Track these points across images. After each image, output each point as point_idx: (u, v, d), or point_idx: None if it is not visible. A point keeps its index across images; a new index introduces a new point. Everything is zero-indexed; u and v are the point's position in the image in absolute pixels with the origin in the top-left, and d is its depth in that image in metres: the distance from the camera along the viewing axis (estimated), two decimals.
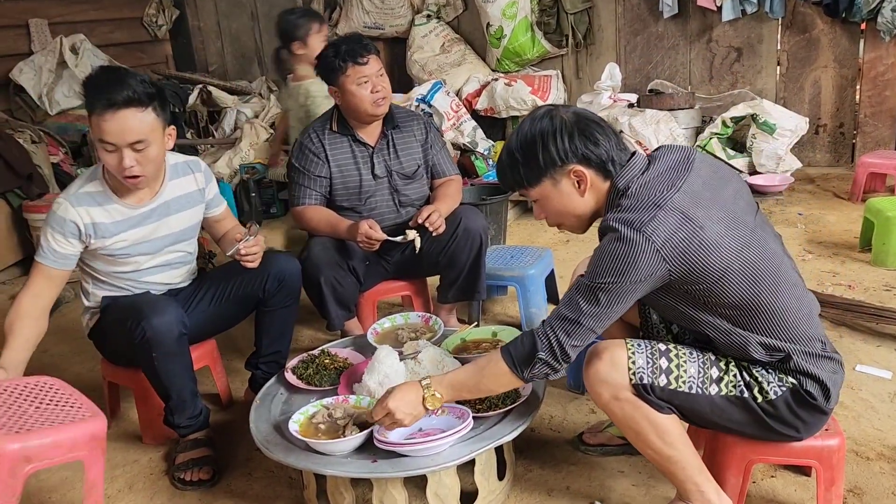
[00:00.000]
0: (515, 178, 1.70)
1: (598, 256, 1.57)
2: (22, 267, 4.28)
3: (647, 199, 1.55)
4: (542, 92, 4.98)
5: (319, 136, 2.75)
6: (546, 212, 1.73)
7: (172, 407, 2.18)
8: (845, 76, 4.71)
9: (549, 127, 1.62)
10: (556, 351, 1.59)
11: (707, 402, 1.61)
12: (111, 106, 1.98)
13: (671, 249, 1.50)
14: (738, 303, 1.57)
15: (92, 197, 2.15)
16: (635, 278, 1.52)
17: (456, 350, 2.22)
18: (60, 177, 4.66)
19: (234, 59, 6.54)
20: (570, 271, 3.51)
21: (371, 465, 1.75)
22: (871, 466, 1.99)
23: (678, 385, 1.60)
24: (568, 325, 1.58)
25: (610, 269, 1.53)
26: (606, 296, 1.54)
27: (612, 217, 1.57)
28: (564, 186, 1.65)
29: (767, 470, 1.99)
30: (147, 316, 2.04)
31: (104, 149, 2.04)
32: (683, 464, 1.65)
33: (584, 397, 2.45)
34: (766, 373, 1.61)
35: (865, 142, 4.72)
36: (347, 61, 2.58)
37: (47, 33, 5.33)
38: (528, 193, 1.71)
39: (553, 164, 1.63)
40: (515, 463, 2.07)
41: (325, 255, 2.63)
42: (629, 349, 1.61)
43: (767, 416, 1.61)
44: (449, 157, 2.96)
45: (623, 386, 1.60)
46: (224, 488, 2.14)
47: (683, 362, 1.62)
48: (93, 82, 2.02)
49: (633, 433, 1.65)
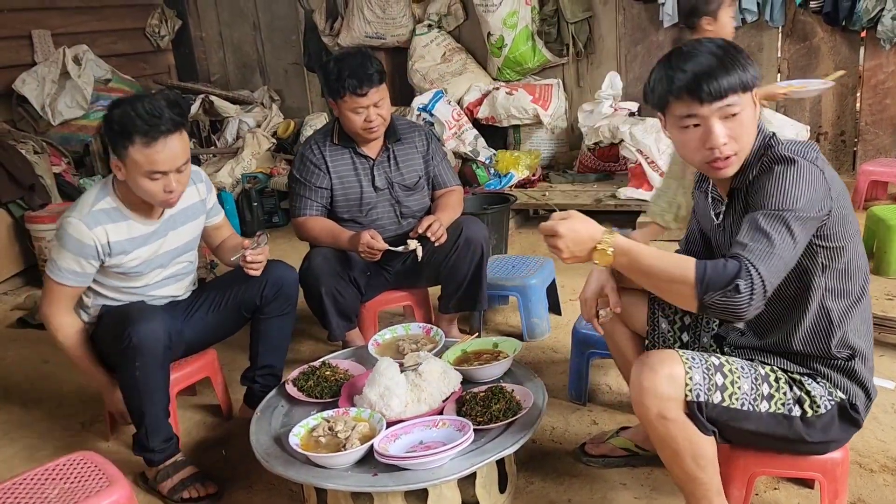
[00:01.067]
0: (744, 78, 1.51)
1: (778, 186, 1.47)
2: (24, 277, 4.29)
3: (801, 144, 1.55)
4: (543, 101, 4.98)
5: (321, 147, 2.76)
6: (740, 129, 1.53)
7: (148, 428, 2.10)
8: (846, 84, 4.71)
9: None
10: (757, 284, 1.40)
11: (754, 418, 1.57)
12: (161, 135, 1.98)
13: (835, 190, 1.51)
14: (850, 276, 1.56)
15: (106, 214, 2.13)
16: (818, 209, 1.47)
17: (457, 361, 2.21)
18: (63, 187, 4.67)
19: (236, 68, 6.56)
20: (571, 281, 3.53)
21: (372, 479, 1.74)
22: (874, 478, 1.98)
23: (731, 402, 1.55)
24: (767, 259, 1.42)
25: (799, 195, 1.45)
26: (798, 224, 1.45)
27: (784, 149, 1.53)
28: (751, 106, 1.56)
29: (770, 482, 1.98)
30: (135, 321, 2.03)
31: (151, 178, 2.03)
32: (707, 486, 1.62)
33: (586, 409, 2.44)
34: (816, 385, 1.60)
35: (866, 150, 4.72)
36: (346, 90, 2.57)
37: (50, 44, 5.35)
38: (741, 99, 1.51)
39: (754, 78, 1.54)
40: (517, 475, 2.06)
41: (326, 266, 2.63)
42: (685, 363, 1.53)
43: (806, 433, 1.59)
44: (450, 168, 2.96)
45: (676, 403, 1.52)
46: (225, 502, 2.13)
47: (738, 378, 1.56)
48: (129, 118, 1.97)
49: (670, 452, 1.59)
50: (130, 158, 2.01)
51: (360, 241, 2.55)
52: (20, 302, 3.95)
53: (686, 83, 1.51)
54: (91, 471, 1.79)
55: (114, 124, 2.00)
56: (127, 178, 2.06)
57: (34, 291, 4.06)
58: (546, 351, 2.90)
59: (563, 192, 4.68)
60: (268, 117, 5.82)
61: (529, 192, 4.69)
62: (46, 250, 4.09)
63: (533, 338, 2.99)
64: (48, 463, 1.82)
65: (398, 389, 1.96)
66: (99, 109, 5.32)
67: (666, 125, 1.64)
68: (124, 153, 2.01)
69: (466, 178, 4.79)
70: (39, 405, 2.83)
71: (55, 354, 3.18)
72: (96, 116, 5.31)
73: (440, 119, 4.90)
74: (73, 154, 5.22)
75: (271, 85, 6.38)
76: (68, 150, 5.16)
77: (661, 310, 1.89)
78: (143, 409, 2.10)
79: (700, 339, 1.87)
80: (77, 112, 5.18)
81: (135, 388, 2.07)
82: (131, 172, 2.03)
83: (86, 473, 1.78)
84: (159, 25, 6.22)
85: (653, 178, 4.17)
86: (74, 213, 2.11)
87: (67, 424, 2.61)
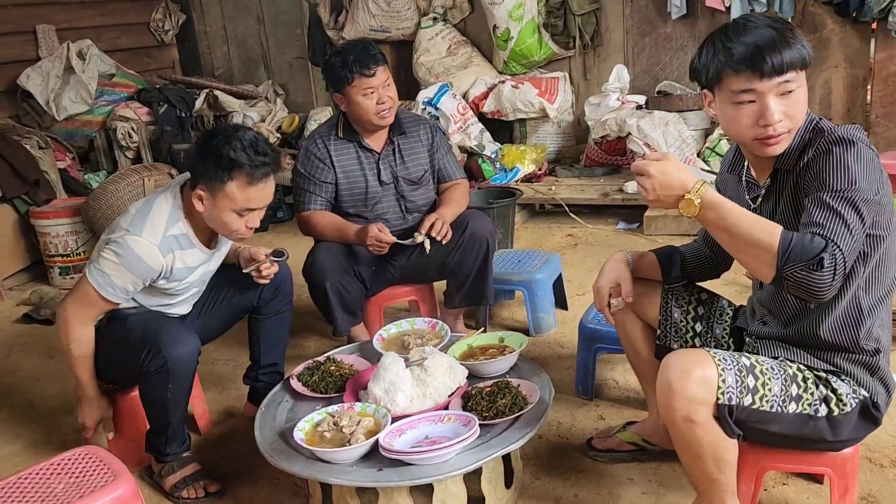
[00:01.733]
0: (803, 55, 1.48)
1: (840, 167, 1.44)
2: (29, 273, 4.29)
3: (852, 127, 1.51)
4: (549, 94, 4.95)
5: (325, 142, 2.74)
6: (796, 106, 1.51)
7: (170, 437, 2.11)
8: (856, 76, 4.66)
9: None
10: (839, 263, 1.37)
11: (782, 419, 1.54)
12: (264, 176, 1.98)
13: (885, 175, 1.48)
14: (884, 268, 1.54)
15: (177, 241, 2.07)
16: (876, 190, 1.44)
17: (462, 356, 2.20)
18: (67, 182, 4.68)
19: (241, 63, 6.54)
20: (578, 275, 3.51)
21: (377, 474, 1.73)
22: (885, 473, 1.96)
23: (761, 405, 1.51)
24: (847, 239, 1.38)
25: (860, 176, 1.42)
26: (865, 206, 1.41)
27: (837, 133, 1.49)
28: (805, 86, 1.53)
29: (779, 477, 1.96)
30: (168, 344, 1.97)
31: (240, 215, 2.01)
32: (724, 487, 1.60)
33: (593, 404, 2.42)
34: (842, 383, 1.57)
35: (877, 142, 4.66)
36: (354, 72, 2.56)
37: (54, 39, 5.34)
38: (798, 76, 1.49)
39: (811, 57, 1.51)
40: (523, 470, 2.05)
41: (330, 261, 2.61)
42: (718, 365, 1.49)
43: (830, 434, 1.57)
44: (455, 161, 2.94)
45: (705, 406, 1.48)
46: (229, 497, 2.12)
47: (768, 379, 1.53)
48: (235, 153, 1.94)
49: (692, 455, 1.56)
50: (225, 192, 1.97)
51: (367, 235, 2.54)
52: (25, 297, 3.95)
53: (747, 56, 1.46)
54: (96, 465, 1.78)
55: (216, 157, 1.95)
56: (211, 209, 2.01)
57: (39, 287, 4.06)
58: (552, 346, 2.88)
59: (569, 186, 4.65)
60: (272, 112, 5.80)
61: (535, 187, 4.66)
62: (52, 246, 4.10)
63: (539, 333, 2.97)
64: (53, 457, 1.81)
65: (403, 384, 1.94)
66: (103, 104, 5.32)
67: (713, 101, 1.58)
68: (220, 186, 1.96)
69: (472, 172, 4.77)
70: (45, 401, 2.83)
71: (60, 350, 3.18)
72: (101, 112, 5.31)
73: (445, 113, 4.87)
74: (78, 149, 5.22)
75: (275, 79, 6.36)
76: (73, 145, 5.16)
77: (675, 300, 1.87)
78: (167, 422, 2.09)
79: (713, 330, 1.85)
80: (82, 107, 5.18)
81: (162, 405, 2.05)
82: (221, 205, 1.99)
83: (90, 468, 1.77)
84: (163, 20, 6.21)
85: None
86: (145, 234, 2.01)
87: (72, 420, 2.59)
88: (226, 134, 1.98)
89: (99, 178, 4.99)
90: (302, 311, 3.22)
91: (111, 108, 5.33)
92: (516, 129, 5.21)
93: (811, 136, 1.55)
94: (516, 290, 3.13)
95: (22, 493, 1.70)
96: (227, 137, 1.97)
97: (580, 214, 4.46)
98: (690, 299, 1.90)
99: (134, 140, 5.25)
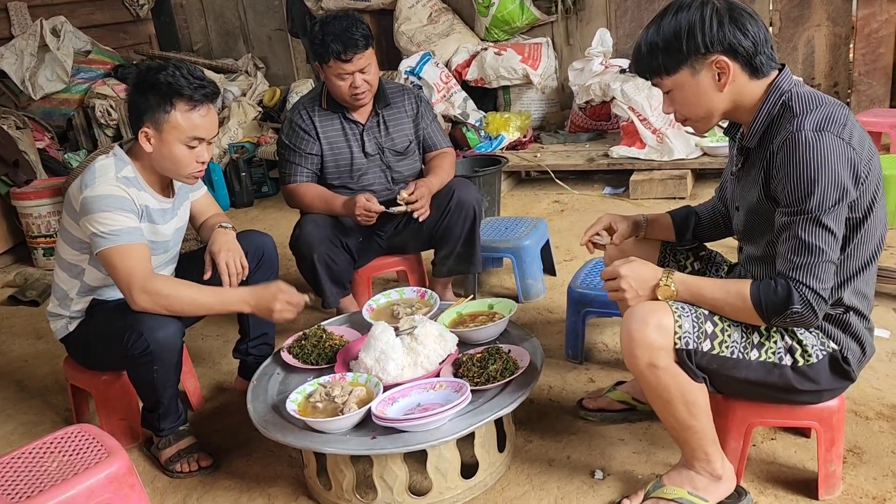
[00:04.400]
0: (652, 65, 1.57)
1: (805, 177, 1.43)
2: (13, 255, 4.25)
3: (827, 106, 1.47)
4: (532, 60, 4.91)
5: (310, 113, 2.71)
6: (677, 104, 1.60)
7: (162, 413, 2.11)
8: (839, 34, 4.65)
9: (697, 14, 1.50)
10: (814, 303, 1.45)
11: (745, 367, 1.57)
12: (206, 100, 1.98)
13: (865, 155, 1.47)
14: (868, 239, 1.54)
15: (130, 182, 2.03)
16: (847, 189, 1.43)
17: (452, 324, 2.20)
18: (47, 162, 4.61)
19: (219, 36, 6.43)
20: (566, 241, 3.52)
21: (370, 442, 1.74)
22: (870, 426, 1.99)
23: (721, 350, 1.55)
24: (815, 270, 1.44)
25: (826, 186, 1.41)
26: (832, 219, 1.43)
27: (801, 122, 1.45)
28: (703, 78, 1.53)
29: (767, 433, 1.99)
30: (150, 328, 1.95)
31: (188, 145, 1.99)
32: (701, 434, 1.63)
33: (583, 367, 2.44)
34: (809, 334, 1.59)
35: (860, 100, 4.67)
36: (330, 54, 2.51)
37: (27, 16, 5.23)
38: (663, 83, 1.59)
39: (696, 51, 1.50)
40: (515, 434, 2.07)
41: (317, 233, 2.60)
42: (675, 312, 1.54)
43: (799, 383, 1.59)
44: (440, 130, 2.92)
45: (666, 352, 1.53)
46: (224, 470, 2.13)
47: (728, 326, 1.56)
48: (174, 81, 1.94)
49: (662, 402, 1.61)
50: (171, 123, 1.96)
51: (355, 205, 2.52)
52: (10, 279, 3.92)
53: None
54: (89, 443, 1.78)
55: (154, 87, 1.94)
56: (159, 146, 1.99)
57: (24, 269, 4.03)
58: (542, 311, 2.90)
59: (554, 152, 4.64)
60: (253, 85, 5.73)
61: (521, 154, 4.65)
62: (34, 227, 4.05)
63: (528, 299, 2.98)
64: (46, 437, 1.81)
65: (394, 353, 1.95)
66: (80, 82, 5.23)
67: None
68: (164, 117, 1.95)
69: (457, 141, 4.74)
70: (35, 381, 2.82)
71: (48, 331, 3.16)
72: (78, 90, 5.22)
73: (428, 82, 4.83)
74: (56, 129, 5.15)
75: (255, 52, 6.27)
76: (51, 124, 5.08)
77: (673, 255, 1.91)
78: (157, 401, 2.09)
79: None
80: (58, 85, 5.09)
81: (151, 386, 2.05)
82: (168, 139, 1.98)
83: (84, 445, 1.77)
84: None
85: (645, 135, 4.14)
86: (98, 182, 1.97)
87: (64, 399, 2.60)
88: (159, 67, 1.99)
89: (79, 156, 4.92)
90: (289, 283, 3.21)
91: (88, 86, 5.24)
92: (500, 97, 5.18)
93: (780, 112, 1.53)
94: (504, 258, 3.13)
95: (15, 472, 1.70)
96: (161, 68, 1.98)
97: (566, 180, 4.45)
98: (689, 254, 1.94)
99: (113, 117, 5.17)
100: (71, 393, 2.42)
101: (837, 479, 1.75)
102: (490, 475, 1.91)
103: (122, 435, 2.23)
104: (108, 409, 2.26)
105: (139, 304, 1.95)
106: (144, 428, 2.20)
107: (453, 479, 1.84)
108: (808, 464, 1.87)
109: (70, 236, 2.09)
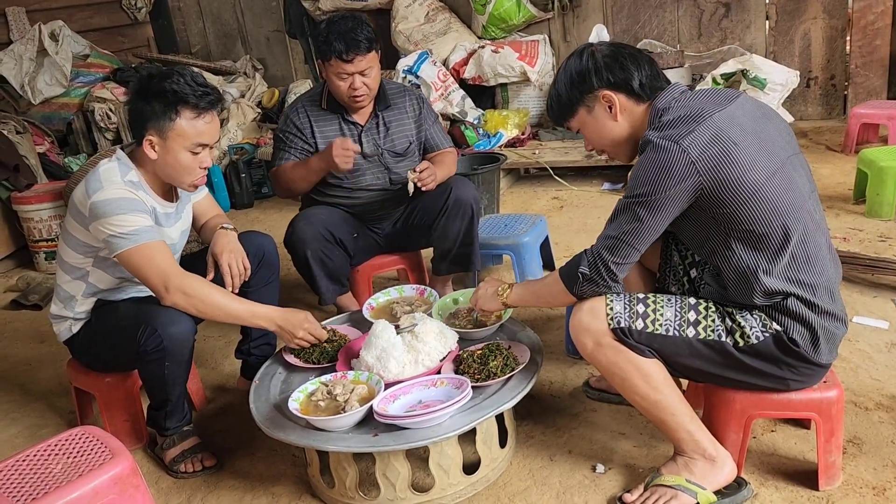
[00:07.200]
0: (560, 113, 1.81)
1: (635, 172, 1.63)
2: (14, 259, 4.26)
3: (686, 114, 1.62)
4: (529, 57, 4.92)
5: (308, 112, 2.72)
6: (588, 140, 1.83)
7: (168, 412, 2.13)
8: (835, 27, 4.66)
9: (580, 61, 1.74)
10: (599, 266, 1.65)
11: (685, 344, 1.64)
12: (210, 107, 1.99)
13: (706, 161, 1.55)
14: (762, 232, 1.58)
15: (136, 186, 2.03)
16: (670, 189, 1.57)
17: (444, 310, 2.25)
18: (48, 167, 4.62)
19: (217, 38, 6.45)
20: (565, 237, 3.53)
21: (373, 439, 1.76)
22: (869, 416, 2.00)
23: (655, 328, 1.65)
24: (609, 242, 1.65)
25: (646, 180, 1.59)
26: (644, 209, 1.60)
27: (650, 133, 1.63)
28: (598, 112, 1.75)
29: (767, 425, 2.00)
30: (164, 325, 1.96)
31: (192, 152, 2.00)
32: (672, 409, 1.69)
33: (583, 363, 2.45)
34: (749, 317, 1.63)
35: (857, 93, 4.68)
36: (332, 54, 2.52)
37: (25, 21, 5.24)
38: (571, 125, 1.82)
39: (587, 91, 1.73)
40: (517, 430, 2.08)
41: (310, 230, 2.61)
42: (607, 297, 1.69)
43: (749, 361, 1.63)
44: (442, 131, 2.93)
45: (603, 332, 1.66)
46: (228, 469, 2.15)
47: (660, 306, 1.67)
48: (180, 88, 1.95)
49: (619, 379, 1.70)
50: (176, 131, 1.97)
51: (332, 150, 2.51)
52: (12, 284, 3.93)
53: None
54: (93, 444, 1.78)
55: (159, 95, 1.94)
56: (164, 154, 2.00)
57: (26, 273, 4.04)
58: (541, 308, 2.91)
59: (553, 149, 4.65)
60: (251, 87, 5.74)
61: (519, 151, 4.66)
62: (36, 231, 4.07)
63: None
64: (50, 439, 1.82)
65: (395, 351, 1.96)
66: (79, 86, 5.24)
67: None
68: (169, 125, 1.96)
69: (455, 139, 4.75)
70: (39, 384, 2.83)
71: (51, 335, 3.17)
72: (77, 94, 5.23)
73: (426, 81, 4.83)
74: (56, 133, 5.15)
75: (253, 54, 6.28)
76: (51, 128, 5.09)
77: (675, 244, 1.92)
78: (166, 398, 2.10)
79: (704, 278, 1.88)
80: (57, 90, 5.10)
81: (161, 382, 2.06)
82: (173, 146, 1.98)
83: (88, 447, 1.78)
84: None
85: None
86: (106, 184, 1.97)
87: (67, 402, 2.61)
88: (163, 74, 1.99)
89: (79, 160, 4.93)
90: (290, 284, 3.23)
91: (87, 90, 5.25)
92: (498, 95, 5.18)
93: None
94: (504, 255, 3.14)
95: (20, 474, 1.71)
96: (166, 76, 1.97)
97: (565, 177, 4.46)
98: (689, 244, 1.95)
99: (112, 121, 5.18)
100: (74, 395, 2.43)
101: (837, 470, 1.76)
102: (492, 471, 1.92)
103: (126, 436, 2.24)
104: (111, 410, 2.27)
105: (174, 301, 1.97)
106: (149, 427, 2.21)
107: (455, 476, 1.85)
108: (808, 455, 1.88)
109: (74, 240, 2.10)
